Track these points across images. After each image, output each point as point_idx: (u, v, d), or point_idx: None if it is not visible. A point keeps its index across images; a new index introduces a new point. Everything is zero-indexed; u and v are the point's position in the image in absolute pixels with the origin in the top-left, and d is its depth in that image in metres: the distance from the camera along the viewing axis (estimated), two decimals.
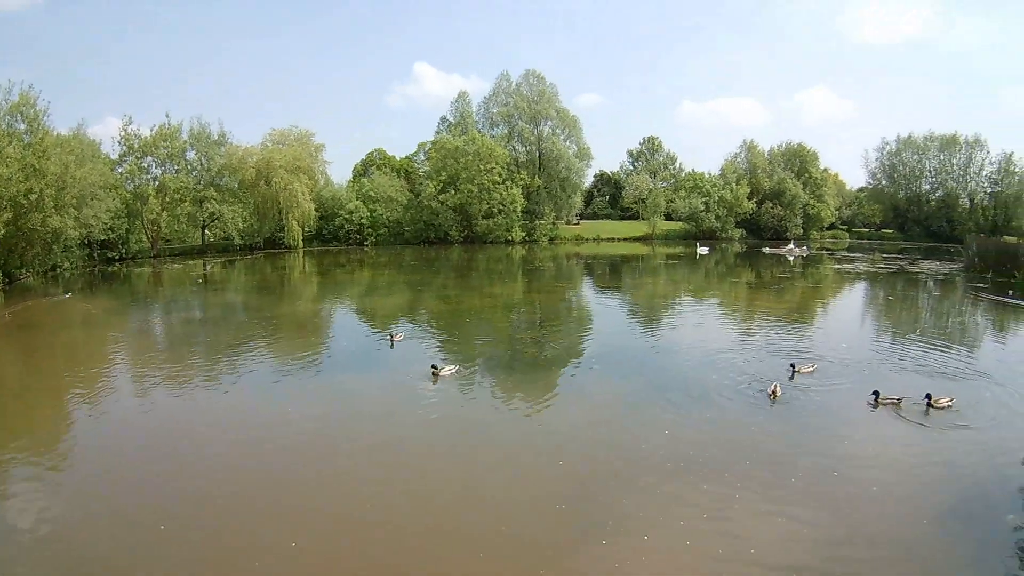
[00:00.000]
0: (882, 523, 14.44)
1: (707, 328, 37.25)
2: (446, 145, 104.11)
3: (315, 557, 12.16)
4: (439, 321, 37.79)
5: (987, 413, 22.06)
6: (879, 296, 56.77)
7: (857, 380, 24.79)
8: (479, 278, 62.15)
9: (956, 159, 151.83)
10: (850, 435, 19.64)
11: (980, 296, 53.05)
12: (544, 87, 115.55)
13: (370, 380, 24.23)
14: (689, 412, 21.08)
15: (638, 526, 13.64)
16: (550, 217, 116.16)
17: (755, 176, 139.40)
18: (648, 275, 72.01)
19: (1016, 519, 14.58)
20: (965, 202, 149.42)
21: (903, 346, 32.54)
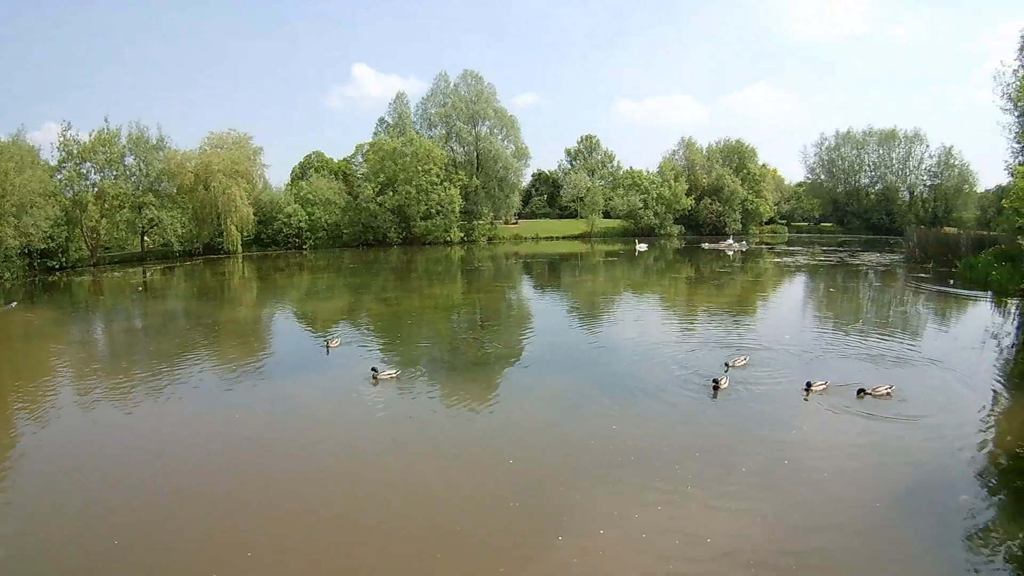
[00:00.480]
0: (836, 508, 14.80)
1: (649, 324, 37.71)
2: (384, 147, 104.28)
3: (272, 563, 12.17)
4: (380, 323, 37.90)
5: (932, 399, 22.68)
6: (820, 288, 57.69)
7: (801, 371, 25.23)
8: (419, 279, 62.13)
9: (895, 153, 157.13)
10: (797, 425, 20.02)
11: (922, 286, 53.91)
12: (482, 87, 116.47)
13: (314, 385, 24.17)
14: (636, 407, 21.34)
15: (593, 521, 13.81)
16: (488, 217, 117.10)
17: (693, 173, 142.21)
18: (587, 273, 72.29)
19: (969, 499, 15.03)
20: (904, 195, 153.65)
21: (847, 336, 33.30)
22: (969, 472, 16.72)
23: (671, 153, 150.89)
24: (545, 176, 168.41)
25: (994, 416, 21.22)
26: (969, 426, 19.93)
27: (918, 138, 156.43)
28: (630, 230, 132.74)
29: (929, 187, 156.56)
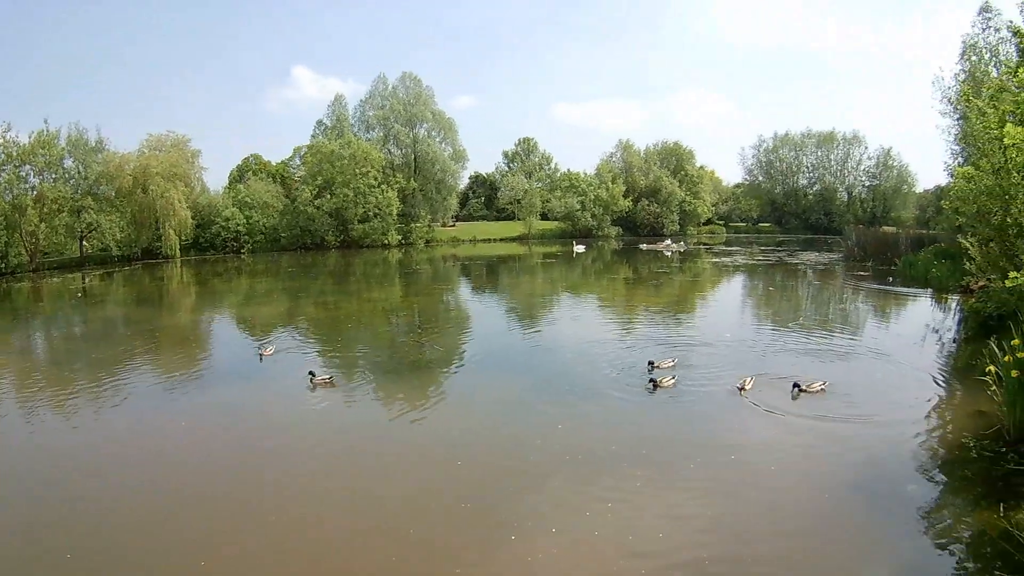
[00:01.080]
0: (785, 501, 14.97)
1: (588, 324, 38.04)
2: (322, 149, 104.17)
3: (225, 573, 12.04)
4: (319, 328, 37.75)
5: (876, 393, 23.16)
6: (760, 287, 58.71)
7: (743, 368, 25.40)
8: (357, 283, 62.14)
9: (834, 155, 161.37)
10: (741, 421, 20.25)
11: (862, 284, 55.05)
12: (420, 90, 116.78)
13: (256, 391, 23.97)
14: (579, 407, 21.43)
15: (545, 520, 13.85)
16: (426, 220, 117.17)
17: (631, 175, 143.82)
18: (526, 274, 72.78)
19: (917, 488, 15.35)
20: (843, 195, 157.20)
21: (788, 333, 33.79)
22: (915, 464, 17.04)
23: (608, 155, 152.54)
24: (483, 178, 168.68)
25: (938, 408, 21.62)
26: (913, 419, 20.30)
27: (856, 140, 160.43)
28: (568, 232, 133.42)
29: (868, 187, 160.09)
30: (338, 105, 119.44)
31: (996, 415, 18.73)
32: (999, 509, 13.88)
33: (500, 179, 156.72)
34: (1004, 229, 25.81)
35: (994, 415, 18.92)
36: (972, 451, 17.34)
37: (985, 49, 54.83)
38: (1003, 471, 15.98)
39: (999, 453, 16.98)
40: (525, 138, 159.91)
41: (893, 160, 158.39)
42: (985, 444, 17.65)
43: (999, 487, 15.19)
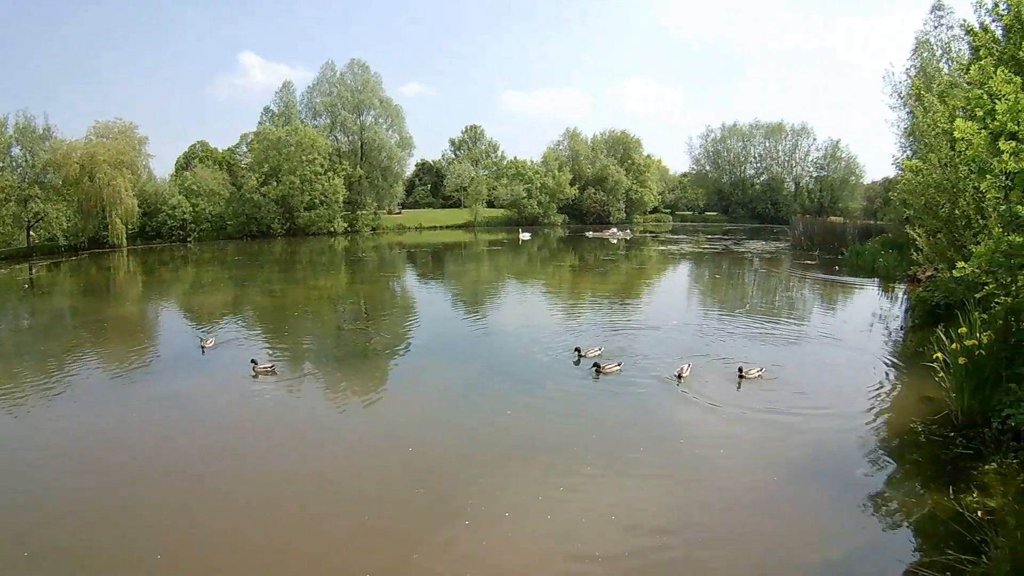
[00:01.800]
0: (736, 484, 15.26)
1: (534, 311, 38.50)
2: (268, 136, 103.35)
3: (179, 562, 11.96)
4: (265, 317, 37.64)
5: (824, 379, 23.87)
6: (706, 275, 59.67)
7: (687, 354, 25.94)
8: (303, 271, 61.91)
9: (782, 146, 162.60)
10: (688, 406, 20.61)
11: (809, 273, 55.95)
12: (368, 76, 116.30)
13: (204, 382, 23.79)
14: (526, 393, 21.70)
15: (498, 504, 14.01)
16: (372, 207, 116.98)
17: (578, 163, 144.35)
18: (471, 262, 73.04)
19: (867, 472, 15.70)
20: (790, 185, 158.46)
21: (734, 320, 34.36)
22: (865, 448, 17.42)
23: (556, 143, 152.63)
24: (429, 166, 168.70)
25: (887, 394, 22.00)
26: (862, 404, 20.74)
27: (805, 132, 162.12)
28: (514, 219, 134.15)
29: (815, 178, 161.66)
30: (286, 92, 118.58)
31: (944, 401, 19.20)
32: (949, 492, 14.18)
33: (447, 166, 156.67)
34: (952, 221, 26.14)
35: (942, 401, 19.39)
36: (921, 436, 17.74)
37: (937, 46, 55.72)
38: (952, 455, 16.38)
39: (948, 438, 17.40)
40: (472, 126, 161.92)
41: (841, 152, 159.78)
42: (934, 429, 18.06)
43: (948, 470, 15.54)
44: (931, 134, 29.10)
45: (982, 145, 17.23)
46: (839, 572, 12.05)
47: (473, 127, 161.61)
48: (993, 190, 17.46)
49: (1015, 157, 15.55)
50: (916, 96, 36.57)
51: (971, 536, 11.93)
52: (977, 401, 17.72)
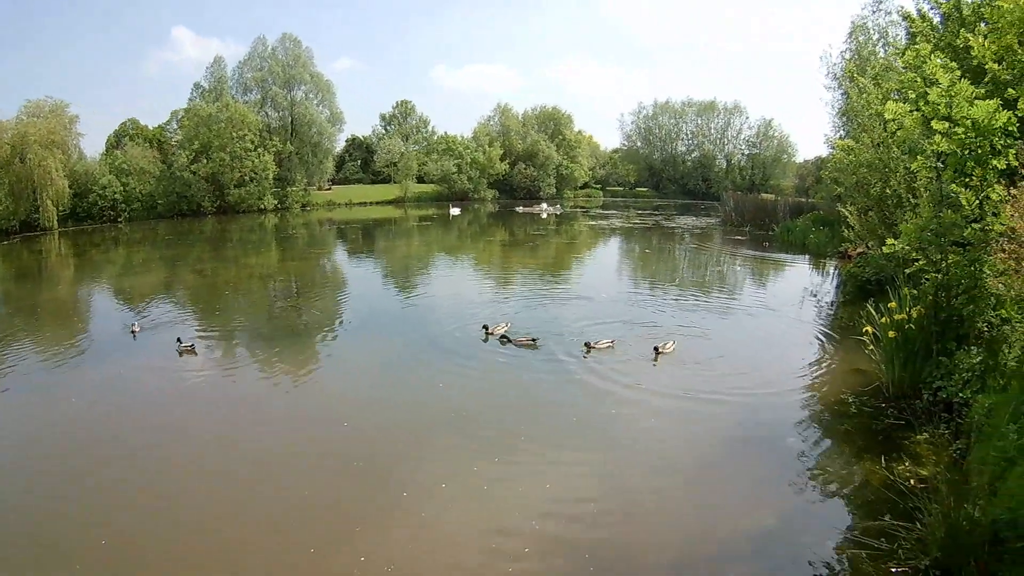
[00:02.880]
0: (668, 455, 15.67)
1: (464, 286, 38.82)
2: (199, 113, 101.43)
3: (123, 547, 11.95)
4: (197, 296, 37.47)
5: (755, 352, 24.55)
6: (636, 250, 60.76)
7: (616, 328, 26.53)
8: (234, 249, 61.50)
9: (714, 123, 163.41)
10: (616, 378, 20.84)
11: (739, 249, 56.90)
12: (300, 51, 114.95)
13: (137, 365, 23.50)
14: (458, 366, 22.17)
15: (434, 476, 14.27)
16: (302, 184, 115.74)
17: (508, 138, 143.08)
18: (402, 238, 73.31)
19: (800, 442, 16.11)
20: (722, 163, 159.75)
21: (665, 294, 35.14)
22: (797, 419, 17.95)
23: (486, 119, 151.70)
24: (360, 141, 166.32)
25: (818, 367, 22.63)
26: (794, 377, 21.33)
27: (738, 110, 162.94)
28: (444, 195, 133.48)
29: (747, 156, 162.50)
30: (217, 67, 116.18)
31: (875, 373, 19.78)
32: (881, 461, 14.62)
33: (377, 142, 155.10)
34: (883, 199, 26.62)
35: (873, 373, 19.96)
36: (852, 407, 18.29)
37: (874, 30, 56.79)
38: (883, 425, 16.90)
39: (879, 409, 17.93)
40: (403, 101, 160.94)
41: (774, 130, 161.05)
42: (865, 400, 18.62)
43: (880, 440, 16.02)
44: (864, 115, 29.58)
45: (914, 127, 17.53)
46: (775, 541, 12.32)
47: (404, 102, 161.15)
48: (924, 170, 17.79)
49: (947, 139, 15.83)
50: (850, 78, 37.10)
51: (904, 503, 12.29)
52: (908, 374, 18.32)
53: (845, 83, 49.39)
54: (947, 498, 11.00)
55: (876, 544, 11.52)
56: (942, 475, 12.54)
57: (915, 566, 10.70)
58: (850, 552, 11.64)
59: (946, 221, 16.58)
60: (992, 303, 16.96)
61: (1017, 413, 12.23)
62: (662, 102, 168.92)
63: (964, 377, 16.46)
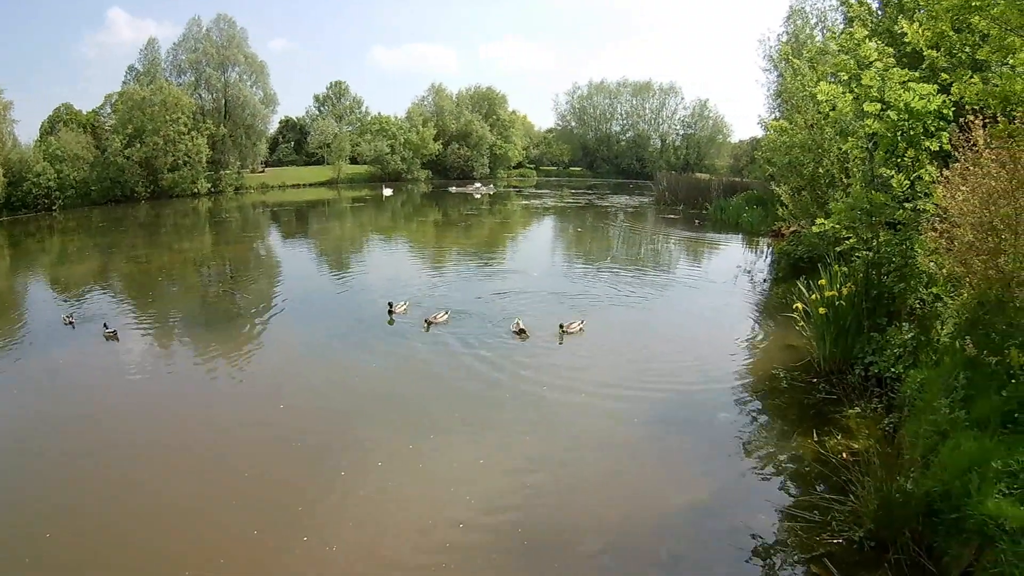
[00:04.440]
0: (601, 431, 16.04)
1: (398, 267, 39.25)
2: (133, 96, 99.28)
3: (68, 543, 11.77)
4: (131, 284, 37.11)
5: (687, 329, 25.19)
6: (569, 229, 61.53)
7: (546, 306, 27.30)
8: (168, 235, 61.03)
9: (649, 104, 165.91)
10: (549, 357, 21.44)
11: (673, 228, 58.52)
12: (234, 32, 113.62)
13: (74, 354, 23.29)
14: (391, 346, 22.50)
15: (371, 455, 14.53)
16: (235, 166, 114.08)
17: (442, 119, 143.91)
18: (335, 219, 73.24)
19: (732, 417, 16.45)
20: (656, 143, 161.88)
21: (598, 273, 35.70)
22: (729, 395, 18.35)
23: (420, 99, 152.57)
24: (293, 123, 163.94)
25: (750, 343, 23.22)
26: (726, 353, 21.76)
27: (673, 90, 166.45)
28: (377, 175, 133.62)
29: (682, 136, 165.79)
30: (150, 49, 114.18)
31: (806, 349, 20.09)
32: (813, 435, 14.91)
33: (310, 123, 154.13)
34: (816, 179, 27.09)
35: (804, 349, 20.33)
36: (784, 382, 18.67)
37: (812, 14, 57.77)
38: (815, 400, 17.29)
39: (811, 384, 18.32)
40: (336, 81, 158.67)
41: (709, 111, 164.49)
42: (796, 376, 19.00)
43: (812, 415, 16.38)
44: (798, 96, 30.00)
45: (847, 109, 17.89)
46: (708, 516, 12.54)
47: (337, 83, 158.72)
48: (856, 151, 18.17)
49: (879, 120, 16.19)
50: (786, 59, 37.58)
51: (837, 477, 12.57)
52: (839, 349, 18.69)
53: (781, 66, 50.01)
54: (880, 471, 11.17)
55: (809, 517, 11.86)
56: (874, 449, 12.69)
57: (849, 537, 11.02)
58: (784, 525, 11.94)
59: (876, 202, 16.97)
60: (924, 281, 17.39)
61: (949, 387, 12.57)
62: (597, 82, 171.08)
63: (896, 353, 16.90)
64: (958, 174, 13.93)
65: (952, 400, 12.17)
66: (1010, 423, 10.90)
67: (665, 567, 11.14)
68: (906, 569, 10.21)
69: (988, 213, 12.37)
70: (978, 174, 12.89)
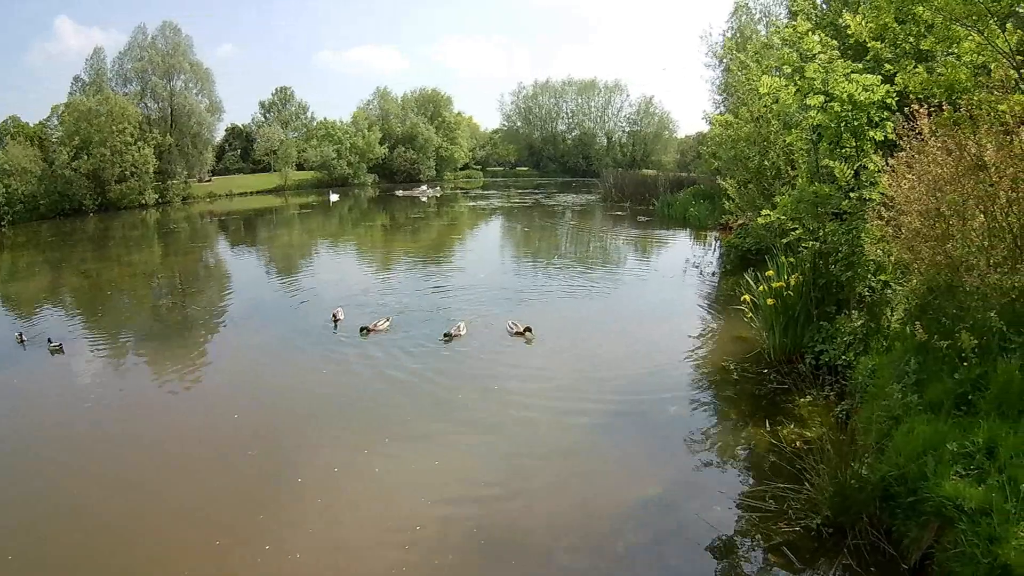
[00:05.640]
0: (554, 430, 16.21)
1: (346, 272, 39.49)
2: (79, 107, 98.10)
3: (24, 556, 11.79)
4: (81, 298, 36.70)
5: (637, 324, 25.35)
6: (517, 228, 61.69)
7: (494, 308, 27.30)
8: (117, 247, 60.43)
9: (595, 102, 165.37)
10: (498, 358, 21.49)
11: (620, 224, 59.30)
12: (180, 39, 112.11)
13: (25, 370, 23.02)
14: (341, 354, 22.42)
15: (327, 462, 14.60)
16: (182, 176, 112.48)
17: (388, 122, 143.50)
18: (283, 227, 73.07)
19: (685, 410, 16.64)
20: (602, 140, 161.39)
21: (546, 272, 36.14)
22: (681, 388, 18.61)
23: (366, 103, 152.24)
24: (239, 130, 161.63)
25: (700, 336, 23.62)
26: (677, 346, 21.97)
27: (619, 88, 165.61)
28: (324, 181, 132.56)
29: (628, 133, 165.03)
30: (96, 59, 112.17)
31: (756, 340, 20.42)
32: (766, 425, 15.14)
33: (256, 130, 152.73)
34: (762, 172, 27.29)
35: (754, 340, 20.64)
36: (734, 374, 18.91)
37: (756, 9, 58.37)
38: (767, 390, 17.53)
39: (762, 374, 18.56)
40: (282, 87, 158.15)
41: (655, 107, 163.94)
42: (747, 367, 19.23)
43: (764, 405, 16.62)
44: (743, 90, 30.29)
45: (790, 101, 18.10)
46: (664, 509, 12.68)
47: (283, 88, 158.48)
48: (800, 142, 18.43)
49: (823, 112, 16.44)
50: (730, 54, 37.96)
51: (791, 466, 12.68)
52: (789, 339, 18.97)
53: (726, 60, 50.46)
54: (834, 458, 11.34)
55: (765, 506, 12.00)
56: (828, 436, 12.78)
57: (806, 525, 11.16)
58: (740, 516, 12.09)
59: (822, 193, 17.21)
60: (872, 268, 17.61)
61: (901, 373, 12.76)
62: (542, 82, 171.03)
63: (846, 340, 17.17)
64: (903, 162, 14.13)
65: (904, 385, 12.36)
66: (964, 405, 11.09)
67: (622, 562, 11.24)
68: (866, 553, 10.39)
69: (935, 200, 12.59)
70: (924, 162, 13.09)
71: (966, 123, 13.05)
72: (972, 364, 11.44)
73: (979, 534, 8.33)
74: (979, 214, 12.01)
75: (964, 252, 11.95)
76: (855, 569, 10.23)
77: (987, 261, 11.54)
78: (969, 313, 12.05)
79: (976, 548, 8.25)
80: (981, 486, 8.98)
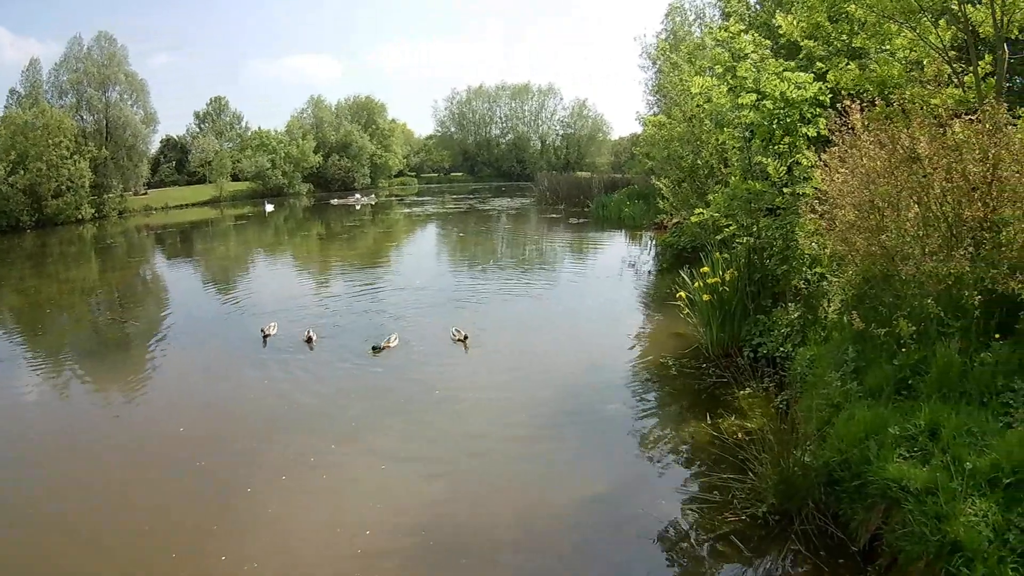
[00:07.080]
0: (495, 434, 16.25)
1: (283, 282, 39.54)
2: (15, 121, 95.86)
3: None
4: (20, 317, 35.95)
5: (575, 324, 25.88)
6: (452, 234, 62.01)
7: (432, 315, 27.45)
8: (55, 264, 59.52)
9: (528, 106, 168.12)
10: (437, 364, 21.71)
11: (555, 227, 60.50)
12: (115, 50, 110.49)
13: None
14: (283, 363, 22.38)
15: (274, 470, 14.61)
16: (118, 190, 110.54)
17: (322, 130, 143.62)
18: (219, 239, 72.65)
19: (624, 407, 16.95)
20: (536, 144, 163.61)
21: (483, 276, 36.43)
22: (621, 385, 19.00)
23: (299, 111, 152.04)
24: (174, 142, 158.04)
25: (638, 334, 24.05)
26: (615, 345, 22.42)
27: (552, 92, 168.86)
28: (259, 191, 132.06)
29: (562, 136, 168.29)
30: (32, 70, 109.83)
31: (693, 336, 20.80)
32: (707, 418, 15.40)
33: (191, 141, 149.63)
34: (695, 171, 27.67)
35: (691, 336, 20.99)
36: (673, 369, 19.24)
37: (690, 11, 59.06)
38: (706, 384, 17.89)
39: (700, 369, 18.89)
40: (217, 97, 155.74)
41: (588, 110, 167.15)
42: (685, 362, 19.57)
43: (704, 399, 16.96)
44: (676, 90, 30.67)
45: (722, 100, 18.41)
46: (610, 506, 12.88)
47: (217, 98, 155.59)
48: (733, 140, 18.78)
49: (755, 110, 16.78)
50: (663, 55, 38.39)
51: (734, 457, 12.90)
52: (726, 334, 19.32)
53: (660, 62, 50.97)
54: (776, 447, 11.59)
55: (711, 497, 12.27)
56: (769, 426, 12.80)
57: (752, 514, 11.39)
58: (686, 508, 12.34)
59: (755, 189, 17.54)
60: (807, 261, 17.93)
61: (839, 361, 13.08)
62: (476, 87, 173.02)
63: (784, 333, 17.53)
64: (837, 157, 14.41)
65: (843, 373, 12.65)
66: (904, 390, 11.38)
67: (570, 559, 11.39)
68: (814, 538, 10.62)
69: (868, 192, 12.86)
70: (857, 156, 13.38)
71: (899, 117, 13.36)
72: (911, 350, 11.73)
73: (926, 513, 8.56)
74: (913, 205, 12.28)
75: (899, 242, 12.21)
76: (804, 554, 10.47)
77: (922, 250, 11.79)
78: (906, 301, 12.32)
79: (924, 527, 8.48)
80: (925, 467, 9.22)
